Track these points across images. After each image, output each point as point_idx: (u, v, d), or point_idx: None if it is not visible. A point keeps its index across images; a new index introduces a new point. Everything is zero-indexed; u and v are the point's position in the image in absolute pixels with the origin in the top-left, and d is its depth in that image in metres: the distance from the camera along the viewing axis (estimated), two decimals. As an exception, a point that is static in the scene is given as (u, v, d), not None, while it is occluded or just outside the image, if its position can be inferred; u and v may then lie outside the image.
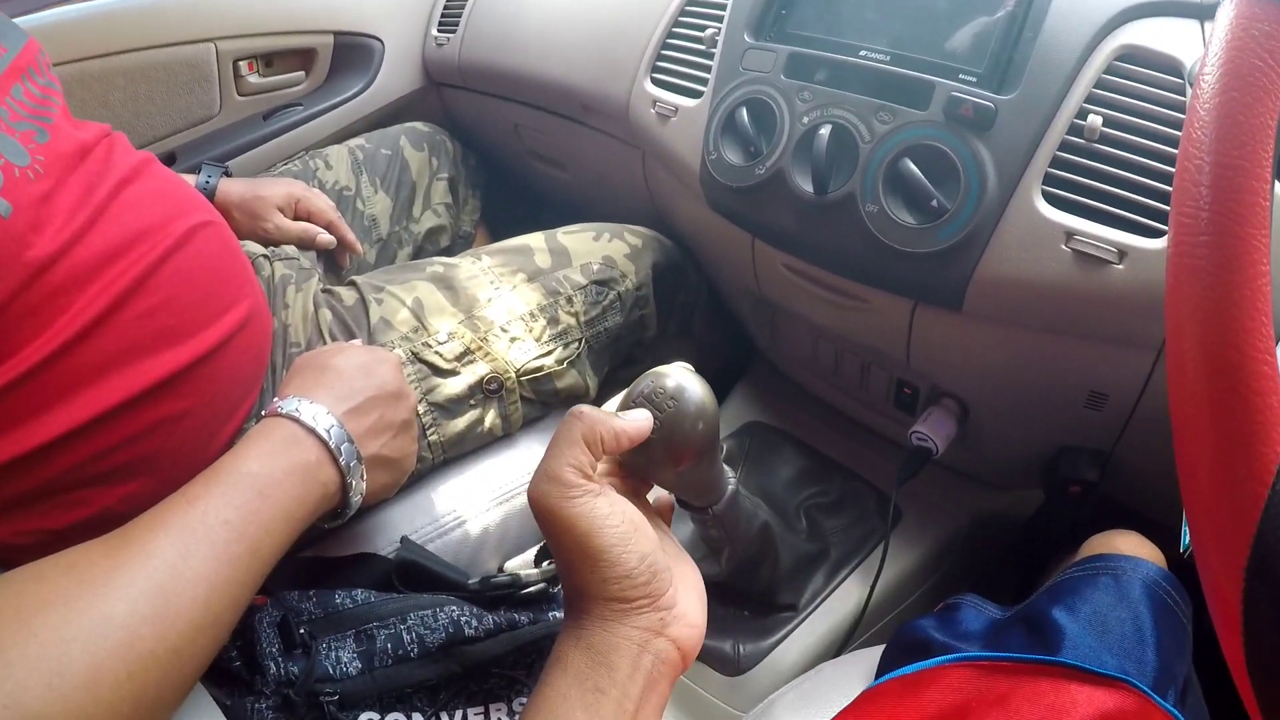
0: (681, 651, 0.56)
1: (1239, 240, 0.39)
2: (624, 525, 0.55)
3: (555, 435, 0.57)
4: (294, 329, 0.95)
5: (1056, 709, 0.61)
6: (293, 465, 0.67)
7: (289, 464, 0.67)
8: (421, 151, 1.41)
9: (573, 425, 0.56)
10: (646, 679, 0.54)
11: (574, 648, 0.54)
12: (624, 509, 0.56)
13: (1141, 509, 1.08)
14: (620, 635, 0.54)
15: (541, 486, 0.55)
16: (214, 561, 0.59)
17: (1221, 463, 0.39)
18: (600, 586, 0.54)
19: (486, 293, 1.03)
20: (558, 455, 0.55)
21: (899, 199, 0.84)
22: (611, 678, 0.53)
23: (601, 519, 0.54)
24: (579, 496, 0.54)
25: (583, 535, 0.53)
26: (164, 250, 0.76)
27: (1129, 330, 0.79)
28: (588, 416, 0.57)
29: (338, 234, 1.18)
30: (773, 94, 0.93)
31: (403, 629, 0.73)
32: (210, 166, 1.14)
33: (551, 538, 0.55)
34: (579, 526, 0.53)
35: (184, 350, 0.76)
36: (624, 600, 0.55)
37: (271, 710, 0.68)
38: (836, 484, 1.16)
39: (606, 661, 0.54)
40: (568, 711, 0.52)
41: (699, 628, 0.58)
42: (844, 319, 1.03)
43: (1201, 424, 0.41)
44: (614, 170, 1.36)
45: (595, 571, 0.54)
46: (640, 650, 0.54)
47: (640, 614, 0.55)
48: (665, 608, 0.56)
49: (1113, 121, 0.77)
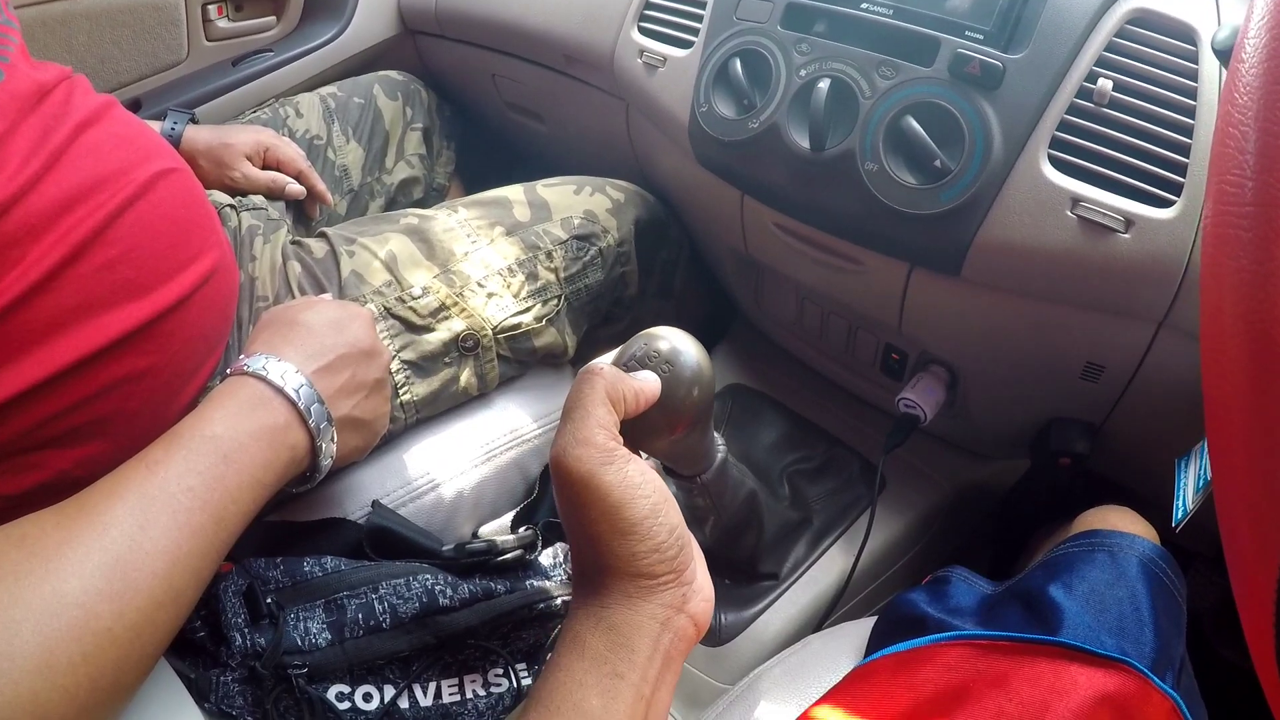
0: (698, 627, 0.54)
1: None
2: (656, 495, 0.52)
3: (575, 396, 0.53)
4: (261, 282, 0.91)
5: (1056, 690, 0.59)
6: (260, 428, 0.63)
7: (255, 426, 0.63)
8: (395, 101, 1.37)
9: (595, 383, 0.53)
10: (664, 659, 0.52)
11: (594, 628, 0.51)
12: (653, 477, 0.53)
13: (1128, 482, 1.07)
14: (645, 614, 0.51)
15: (574, 451, 0.51)
16: (175, 532, 0.55)
17: (1261, 444, 0.37)
18: (628, 561, 0.51)
19: (463, 246, 0.99)
20: (585, 416, 0.51)
21: (900, 158, 0.81)
22: (631, 661, 0.50)
23: (634, 488, 0.51)
24: (614, 463, 0.50)
25: (615, 505, 0.50)
26: (125, 198, 0.72)
27: (1132, 301, 0.77)
28: (609, 374, 0.54)
29: (307, 184, 1.14)
30: (769, 45, 0.89)
31: (374, 598, 0.71)
32: (176, 113, 1.10)
33: (578, 508, 0.51)
34: (612, 496, 0.50)
35: (145, 304, 0.72)
36: (651, 576, 0.51)
37: (238, 683, 0.66)
38: (820, 450, 1.14)
39: (628, 643, 0.50)
40: (583, 698, 0.49)
41: (711, 600, 0.56)
42: (835, 281, 1.00)
43: (1240, 403, 0.38)
44: (595, 123, 1.32)
45: (625, 545, 0.51)
46: (662, 629, 0.51)
47: (666, 590, 0.52)
48: (687, 582, 0.53)
49: (1123, 86, 0.75)
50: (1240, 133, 0.39)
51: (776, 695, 0.72)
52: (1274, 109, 0.38)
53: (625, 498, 0.50)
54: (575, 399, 0.53)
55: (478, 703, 0.73)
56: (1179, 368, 0.80)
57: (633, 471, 0.51)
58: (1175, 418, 0.84)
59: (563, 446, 0.51)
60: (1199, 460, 0.75)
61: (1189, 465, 0.77)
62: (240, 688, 0.66)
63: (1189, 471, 0.77)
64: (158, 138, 0.84)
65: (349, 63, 1.50)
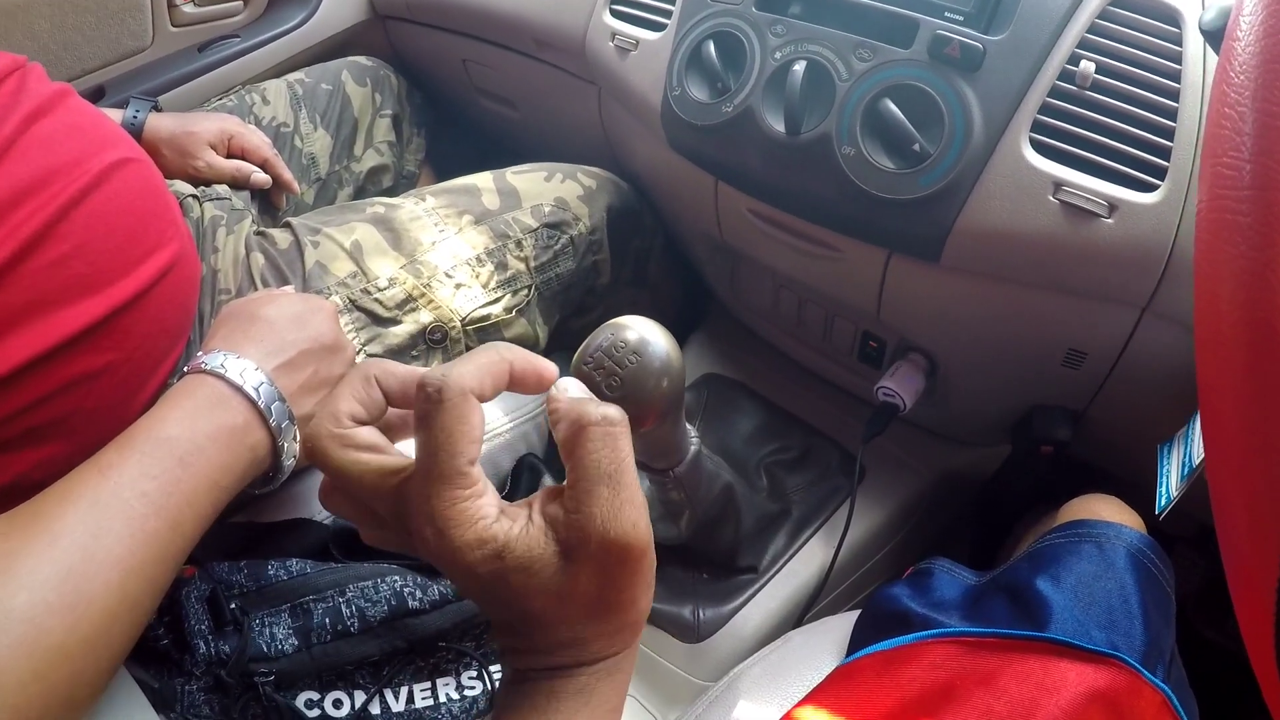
0: None
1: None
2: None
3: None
4: (223, 274, 0.88)
5: (1046, 687, 0.58)
6: (218, 428, 0.61)
7: (213, 427, 0.61)
8: (364, 87, 1.34)
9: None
10: None
11: (603, 678, 0.48)
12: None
13: (1109, 468, 1.06)
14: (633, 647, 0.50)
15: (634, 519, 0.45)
16: (130, 539, 0.52)
17: (1259, 435, 0.35)
18: (642, 613, 0.49)
19: (430, 235, 0.97)
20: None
21: (878, 142, 0.79)
22: (620, 694, 0.49)
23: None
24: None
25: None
26: (77, 190, 0.69)
27: (1114, 287, 0.76)
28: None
29: (273, 173, 1.11)
30: (743, 27, 0.87)
31: (341, 602, 0.68)
32: (139, 100, 1.07)
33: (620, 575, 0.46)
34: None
35: (101, 300, 0.69)
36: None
37: (203, 692, 0.63)
38: (798, 440, 1.12)
39: (623, 680, 0.49)
40: None
41: None
42: (811, 268, 0.98)
43: (1239, 395, 0.37)
44: (567, 109, 1.29)
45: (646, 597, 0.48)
46: None
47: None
48: None
49: (1106, 69, 0.73)
50: (1237, 113, 0.38)
51: (757, 694, 0.70)
52: (1273, 88, 0.36)
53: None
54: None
55: (451, 706, 0.70)
56: (1162, 354, 0.79)
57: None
58: (1157, 404, 0.83)
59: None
60: (1182, 446, 0.74)
61: (1172, 451, 0.76)
62: (206, 696, 0.64)
63: (1172, 458, 0.76)
64: (114, 127, 0.81)
65: (317, 48, 1.47)
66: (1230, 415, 0.37)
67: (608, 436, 0.44)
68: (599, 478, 0.43)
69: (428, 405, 0.43)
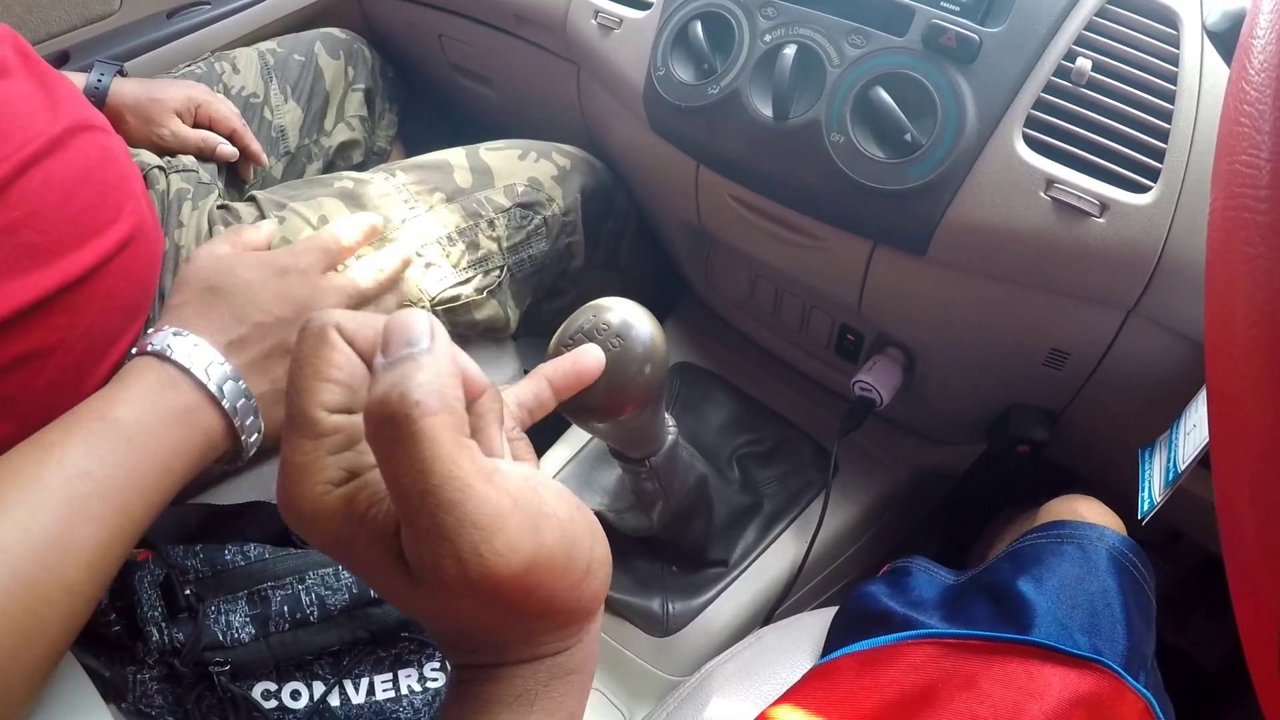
0: None
1: (1310, 197, 0.34)
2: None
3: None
4: (186, 250, 0.85)
5: (1030, 692, 0.57)
6: (168, 411, 0.58)
7: (164, 409, 0.58)
8: (337, 60, 1.30)
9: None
10: None
11: (546, 681, 0.41)
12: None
13: (1084, 470, 1.05)
14: (590, 641, 0.43)
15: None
16: (70, 521, 0.50)
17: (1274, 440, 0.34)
18: (592, 601, 0.41)
19: (400, 213, 0.94)
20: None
21: (868, 130, 0.78)
22: (582, 694, 0.43)
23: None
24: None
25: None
26: (30, 155, 0.66)
27: (1102, 287, 0.75)
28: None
29: (241, 144, 1.07)
30: (732, 8, 0.85)
31: (301, 589, 0.66)
32: (103, 64, 1.03)
33: None
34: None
35: (53, 272, 0.66)
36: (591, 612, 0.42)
37: (156, 681, 0.61)
38: (771, 432, 1.11)
39: (582, 680, 0.43)
40: None
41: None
42: (793, 258, 0.96)
43: (1253, 400, 0.36)
44: (544, 88, 1.26)
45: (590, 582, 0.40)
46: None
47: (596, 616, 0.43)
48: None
49: (1102, 67, 0.72)
50: (1257, 110, 0.37)
51: (731, 692, 0.68)
52: None
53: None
54: None
55: (414, 699, 0.68)
56: (1145, 357, 0.78)
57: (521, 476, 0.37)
58: (1138, 407, 0.82)
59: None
60: (1165, 451, 0.73)
61: (1154, 456, 0.76)
62: (159, 686, 0.61)
63: (1154, 462, 0.75)
64: (73, 91, 0.77)
65: (290, 18, 1.42)
66: (1244, 421, 0.36)
67: (389, 430, 0.32)
68: (405, 500, 0.33)
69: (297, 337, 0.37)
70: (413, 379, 0.32)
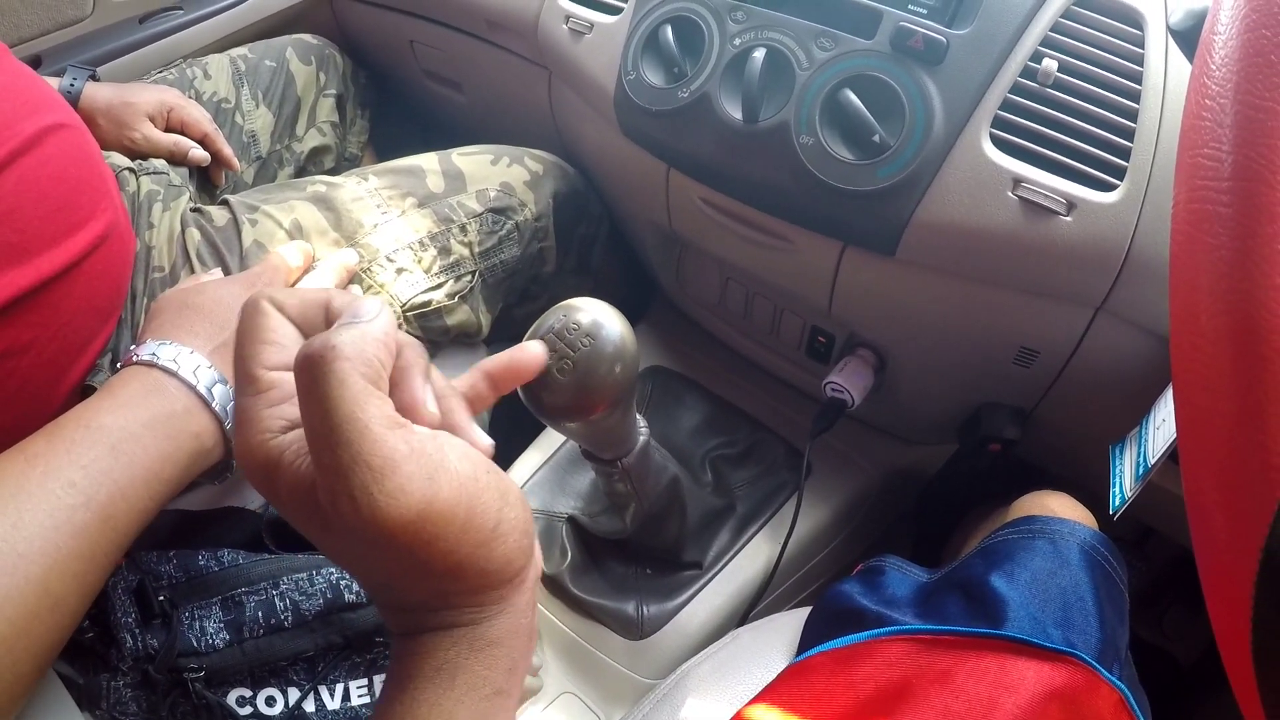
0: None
1: (1271, 189, 0.34)
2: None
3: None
4: (158, 251, 0.84)
5: (1004, 686, 0.57)
6: (154, 416, 0.57)
7: (149, 415, 0.57)
8: (309, 65, 1.30)
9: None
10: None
11: (468, 651, 0.41)
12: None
13: (1055, 468, 1.06)
14: (520, 611, 0.42)
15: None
16: (54, 532, 0.49)
17: (1241, 430, 0.35)
18: (503, 564, 0.41)
19: (372, 217, 0.94)
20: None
21: (836, 132, 0.78)
22: (513, 671, 0.42)
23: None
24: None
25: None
26: (5, 154, 0.65)
27: (1070, 285, 0.76)
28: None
29: (213, 149, 1.07)
30: (702, 12, 0.85)
31: (275, 595, 0.65)
32: (76, 69, 1.02)
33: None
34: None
35: (27, 271, 0.65)
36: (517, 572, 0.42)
37: (130, 688, 0.60)
38: (743, 434, 1.11)
39: (509, 654, 0.42)
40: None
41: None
42: (763, 260, 0.96)
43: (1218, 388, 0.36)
44: (516, 93, 1.26)
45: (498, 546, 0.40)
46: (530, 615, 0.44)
47: (528, 578, 0.44)
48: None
49: (1068, 68, 0.73)
50: (1217, 105, 0.38)
51: (707, 693, 0.68)
52: (1254, 81, 0.36)
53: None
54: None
55: (388, 704, 0.68)
56: (1114, 354, 0.78)
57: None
58: (1107, 404, 0.83)
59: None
60: (1135, 446, 0.74)
61: (1124, 452, 0.76)
62: (133, 693, 0.61)
63: (1124, 458, 0.76)
64: (49, 90, 0.77)
65: (262, 24, 1.42)
66: (1210, 411, 0.37)
67: (307, 372, 0.36)
68: (312, 438, 0.36)
69: None
70: (339, 334, 0.37)
